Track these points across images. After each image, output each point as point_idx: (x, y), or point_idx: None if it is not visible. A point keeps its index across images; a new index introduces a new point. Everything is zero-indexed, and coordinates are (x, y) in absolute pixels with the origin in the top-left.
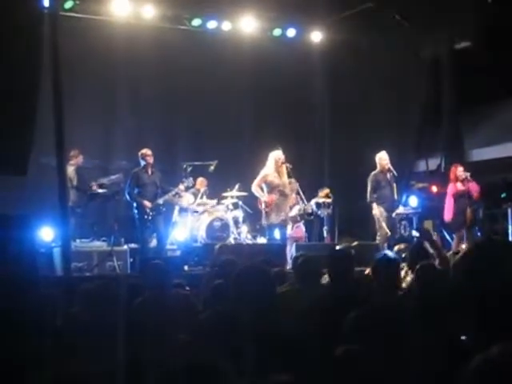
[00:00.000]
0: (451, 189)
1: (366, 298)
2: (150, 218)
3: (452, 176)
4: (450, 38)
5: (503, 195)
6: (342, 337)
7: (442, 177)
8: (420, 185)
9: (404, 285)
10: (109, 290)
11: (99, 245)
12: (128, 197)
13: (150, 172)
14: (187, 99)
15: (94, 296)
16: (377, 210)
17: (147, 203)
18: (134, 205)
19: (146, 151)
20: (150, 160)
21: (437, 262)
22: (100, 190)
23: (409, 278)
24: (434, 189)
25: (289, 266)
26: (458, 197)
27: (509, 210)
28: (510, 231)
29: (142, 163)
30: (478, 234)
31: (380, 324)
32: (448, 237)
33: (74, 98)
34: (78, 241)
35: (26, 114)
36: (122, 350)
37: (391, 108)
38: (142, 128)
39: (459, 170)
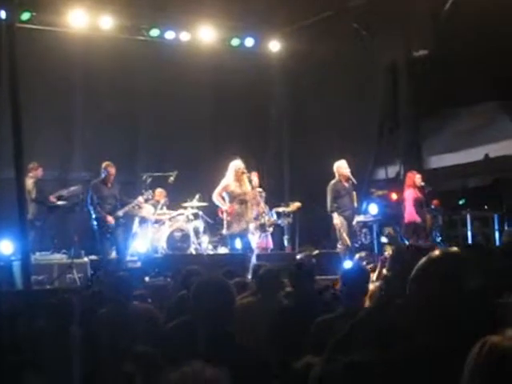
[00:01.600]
0: (411, 194)
1: (328, 308)
2: (109, 229)
3: (409, 182)
4: (407, 47)
5: (461, 202)
6: (304, 346)
7: (401, 184)
8: (379, 192)
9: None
10: (71, 303)
11: (59, 257)
12: (88, 209)
13: (109, 184)
14: (146, 110)
15: (56, 309)
16: (338, 220)
17: (110, 219)
18: (94, 217)
19: (109, 164)
20: (112, 172)
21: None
22: (59, 202)
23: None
24: (394, 196)
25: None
26: (417, 203)
27: (468, 216)
28: (469, 237)
29: (103, 175)
30: (438, 239)
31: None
32: (406, 242)
33: (31, 110)
34: (37, 254)
35: None
36: (82, 362)
37: (350, 116)
38: (101, 139)
39: (417, 177)
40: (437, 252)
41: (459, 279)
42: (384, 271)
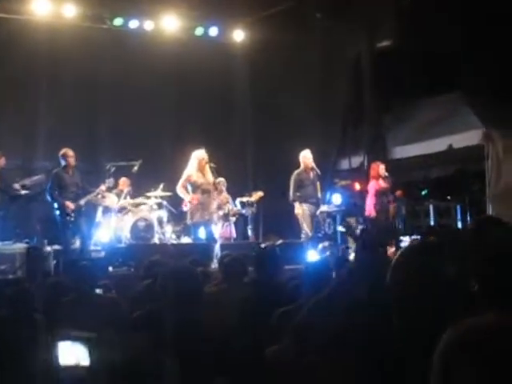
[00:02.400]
0: (373, 186)
1: (293, 296)
2: (71, 219)
3: (374, 173)
4: (370, 37)
5: (424, 192)
6: (268, 334)
7: (364, 174)
8: (343, 182)
9: None
10: (31, 292)
11: (22, 247)
12: (49, 197)
13: (70, 172)
14: (110, 98)
15: (18, 298)
16: (299, 209)
17: (69, 204)
18: (55, 206)
19: (67, 151)
20: (71, 160)
21: None
22: (22, 192)
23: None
24: (357, 186)
25: (215, 265)
26: (380, 194)
27: (430, 207)
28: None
29: (63, 163)
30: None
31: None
32: None
33: None
34: (0, 243)
35: None
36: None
37: (314, 107)
38: (64, 128)
39: (381, 168)
40: (415, 242)
41: (437, 267)
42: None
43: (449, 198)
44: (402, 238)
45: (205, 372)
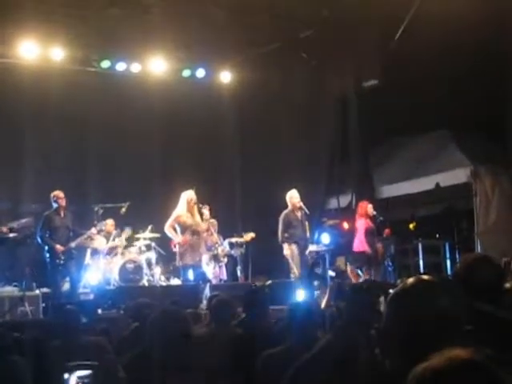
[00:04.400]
0: (362, 224)
1: (281, 337)
2: (61, 261)
3: (362, 212)
4: (356, 77)
5: (412, 225)
6: (254, 375)
7: (352, 213)
8: (331, 222)
9: None
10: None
11: (10, 290)
12: (40, 240)
13: (62, 214)
14: (98, 140)
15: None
16: (288, 250)
17: (59, 247)
18: (46, 248)
19: (59, 193)
20: (63, 202)
21: None
22: (10, 235)
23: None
24: (346, 225)
25: (204, 307)
26: (368, 232)
27: (419, 245)
28: (421, 265)
29: (54, 205)
30: (389, 268)
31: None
32: (359, 271)
33: None
34: None
35: None
36: None
37: (302, 146)
38: (52, 171)
39: (369, 207)
40: (411, 279)
41: (432, 302)
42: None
43: (437, 235)
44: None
45: None
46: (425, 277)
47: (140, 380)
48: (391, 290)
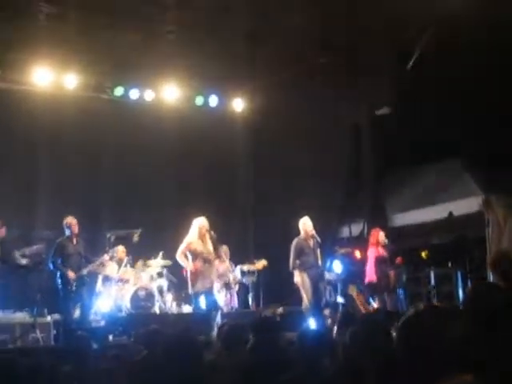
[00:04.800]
0: (373, 252)
1: (291, 365)
2: (73, 288)
3: (373, 240)
4: (370, 105)
5: (424, 253)
6: None
7: (364, 242)
8: (343, 250)
9: None
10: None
11: (22, 316)
12: (52, 266)
13: (74, 241)
14: (111, 167)
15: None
16: (299, 277)
17: (71, 274)
18: (58, 275)
19: (71, 220)
20: (75, 229)
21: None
22: (22, 261)
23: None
24: (358, 254)
25: (215, 334)
26: (381, 261)
27: (431, 274)
28: (433, 294)
29: (67, 232)
30: (401, 296)
31: None
32: (371, 299)
33: None
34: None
35: None
36: None
37: (314, 173)
38: (65, 197)
39: (381, 235)
40: (422, 305)
41: (442, 330)
42: None
43: (449, 264)
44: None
45: None
46: (435, 304)
47: None
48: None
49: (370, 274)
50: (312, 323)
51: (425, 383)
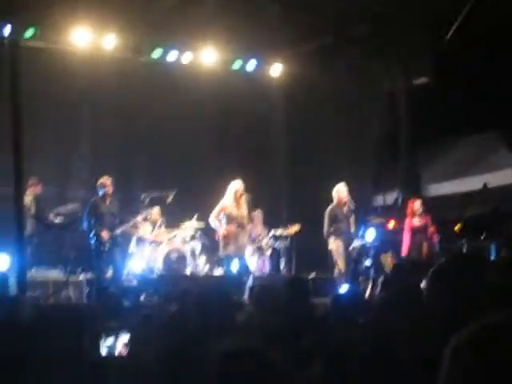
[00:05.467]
0: (407, 224)
1: (320, 327)
2: (106, 248)
3: (409, 211)
4: (407, 74)
5: (457, 227)
6: (297, 362)
7: (398, 212)
8: (377, 220)
9: None
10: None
11: (55, 274)
12: (86, 226)
13: (108, 201)
14: (147, 129)
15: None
16: (333, 245)
17: (105, 234)
18: (92, 234)
19: (106, 180)
20: (109, 189)
21: None
22: (57, 220)
23: None
24: (391, 225)
25: (246, 298)
26: (415, 232)
27: (464, 246)
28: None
29: (101, 192)
30: None
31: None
32: None
33: (32, 125)
34: (33, 270)
35: None
36: None
37: (350, 142)
38: (101, 157)
39: (416, 204)
40: (461, 251)
41: (482, 275)
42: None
43: (483, 237)
44: None
45: None
46: (466, 253)
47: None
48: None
49: (404, 248)
50: (344, 290)
51: (457, 328)
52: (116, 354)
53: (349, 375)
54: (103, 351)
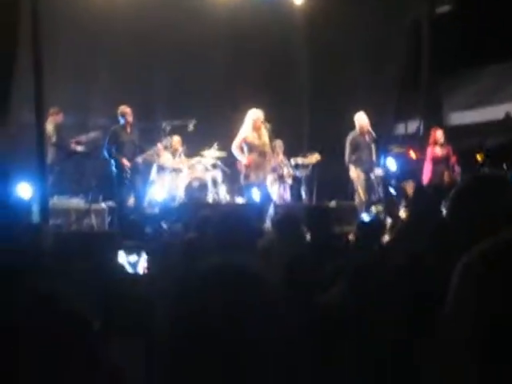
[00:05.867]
0: (429, 153)
1: (343, 252)
2: (128, 176)
3: (431, 140)
4: (430, 1)
5: (479, 156)
6: (320, 288)
7: (420, 140)
8: (398, 149)
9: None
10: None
11: (77, 202)
12: (106, 154)
13: (128, 130)
14: (166, 57)
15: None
16: (354, 173)
17: (126, 161)
18: (112, 162)
19: (125, 109)
20: (130, 118)
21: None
22: (78, 148)
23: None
24: (413, 155)
25: (268, 226)
26: (436, 161)
27: None
28: None
29: (122, 121)
30: None
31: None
32: None
33: (52, 55)
34: (55, 198)
35: (5, 66)
36: None
37: (371, 70)
38: (121, 85)
39: (438, 134)
40: (476, 175)
41: (502, 197)
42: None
43: (505, 166)
44: None
45: None
46: (486, 174)
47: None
48: None
49: (425, 177)
50: (365, 217)
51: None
52: (140, 271)
53: (368, 296)
54: (127, 267)
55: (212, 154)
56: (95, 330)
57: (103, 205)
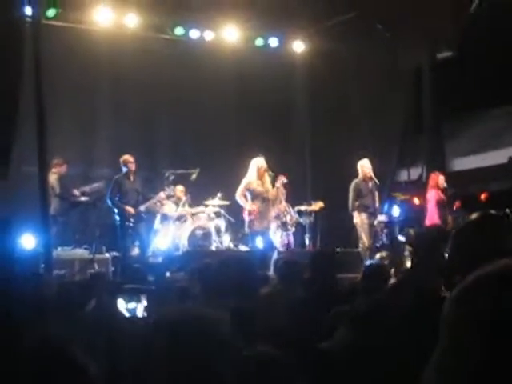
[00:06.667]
0: (434, 196)
1: (346, 299)
2: (131, 224)
3: (433, 183)
4: (431, 48)
5: (483, 196)
6: (322, 333)
7: (423, 187)
8: (402, 196)
9: None
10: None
11: (81, 253)
12: (110, 203)
13: (131, 178)
14: (170, 107)
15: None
16: (358, 219)
17: (130, 209)
18: (116, 211)
19: (128, 157)
20: (132, 166)
21: None
22: (82, 198)
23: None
24: (417, 201)
25: (271, 273)
26: (440, 205)
27: None
28: None
29: (124, 170)
30: None
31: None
32: None
33: (55, 105)
34: (59, 248)
35: (6, 118)
36: None
37: (373, 117)
38: (124, 136)
39: (441, 179)
40: (481, 213)
41: (493, 235)
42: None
43: (508, 211)
44: None
45: None
46: (488, 212)
47: None
48: None
49: (431, 217)
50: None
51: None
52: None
53: (372, 341)
54: (125, 312)
55: (215, 202)
56: (92, 373)
57: (107, 254)
